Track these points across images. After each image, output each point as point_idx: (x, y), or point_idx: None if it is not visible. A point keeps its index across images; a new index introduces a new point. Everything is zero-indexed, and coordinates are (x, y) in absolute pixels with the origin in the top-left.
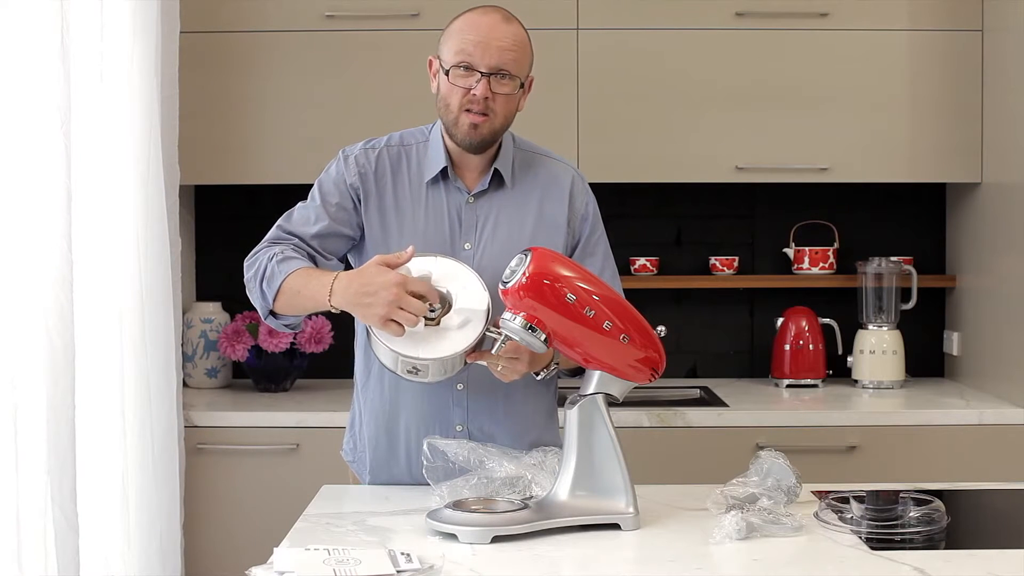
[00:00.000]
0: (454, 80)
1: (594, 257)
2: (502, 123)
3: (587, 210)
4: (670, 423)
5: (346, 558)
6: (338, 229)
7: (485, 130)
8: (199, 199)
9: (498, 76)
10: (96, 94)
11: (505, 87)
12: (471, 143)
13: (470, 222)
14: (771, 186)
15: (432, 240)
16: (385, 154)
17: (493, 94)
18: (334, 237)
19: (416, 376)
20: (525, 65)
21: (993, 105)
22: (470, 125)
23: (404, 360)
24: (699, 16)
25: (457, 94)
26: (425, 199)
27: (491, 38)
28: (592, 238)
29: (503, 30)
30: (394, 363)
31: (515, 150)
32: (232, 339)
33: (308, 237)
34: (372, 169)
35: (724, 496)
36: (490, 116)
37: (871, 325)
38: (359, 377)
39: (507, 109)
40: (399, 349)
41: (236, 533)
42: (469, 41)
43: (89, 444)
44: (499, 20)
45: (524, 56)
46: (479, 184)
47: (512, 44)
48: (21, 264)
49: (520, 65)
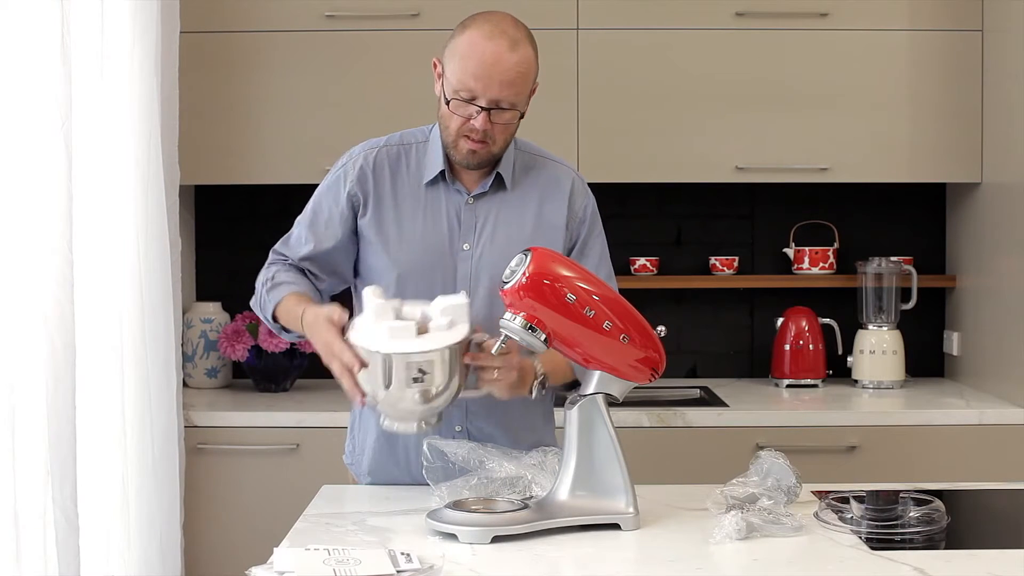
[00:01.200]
0: (454, 109)
1: (588, 259)
2: (501, 147)
3: (585, 212)
4: (670, 423)
5: (346, 558)
6: (327, 250)
7: (483, 155)
8: (199, 199)
9: (498, 108)
10: (96, 94)
11: (504, 116)
12: (468, 165)
13: (469, 223)
14: (771, 186)
15: (430, 241)
16: (384, 154)
17: (492, 124)
18: (324, 258)
19: (422, 383)
20: (527, 89)
21: (993, 105)
22: (468, 151)
23: (410, 364)
24: (699, 16)
25: (456, 121)
26: (424, 200)
27: (494, 72)
28: (589, 239)
29: (507, 62)
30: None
31: (517, 152)
32: (232, 339)
33: (298, 260)
34: (371, 169)
35: (724, 496)
36: (488, 143)
37: (871, 325)
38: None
39: (506, 134)
40: (402, 348)
41: (236, 533)
42: (471, 74)
43: (89, 444)
44: (505, 49)
45: (527, 83)
46: (479, 187)
47: (515, 77)
48: (21, 264)
49: (522, 94)
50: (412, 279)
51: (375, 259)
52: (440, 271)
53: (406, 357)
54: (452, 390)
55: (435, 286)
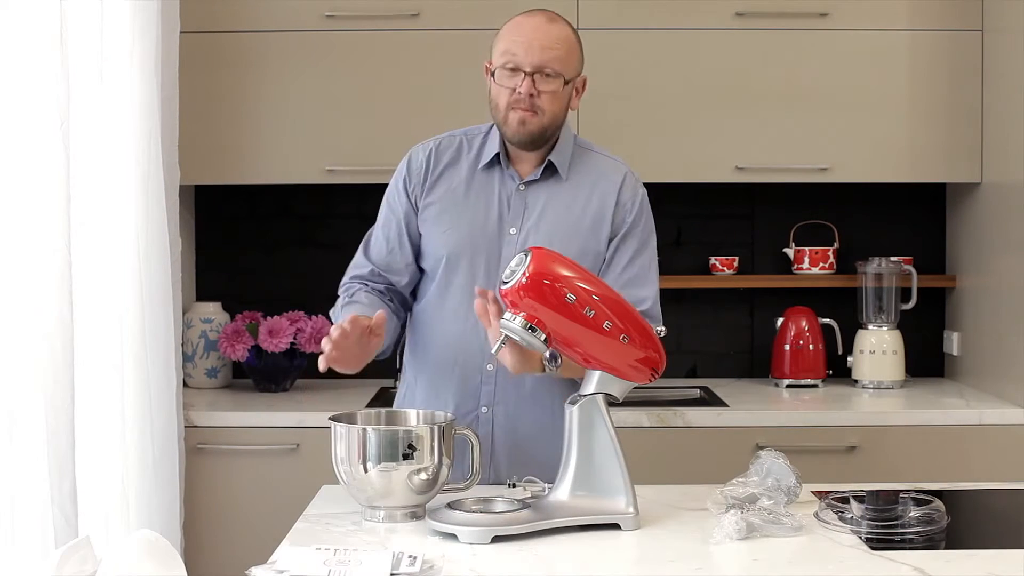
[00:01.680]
0: (500, 81)
1: (624, 252)
2: (551, 120)
3: (633, 206)
4: (670, 423)
5: (348, 559)
6: (401, 245)
7: (533, 126)
8: (199, 199)
9: (543, 74)
10: (96, 94)
11: (550, 84)
12: (521, 139)
13: (518, 208)
14: (771, 186)
15: (479, 223)
16: (446, 143)
17: (538, 91)
18: (401, 251)
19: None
20: (572, 63)
21: (993, 105)
22: (518, 121)
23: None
24: (699, 16)
25: (504, 94)
26: (478, 183)
27: (534, 38)
28: (630, 232)
29: (546, 30)
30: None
31: (574, 146)
32: (232, 339)
33: (380, 266)
34: (426, 159)
35: (724, 496)
36: (537, 113)
37: (871, 325)
38: (408, 374)
39: (555, 106)
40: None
41: (236, 533)
42: (513, 42)
43: (89, 444)
44: (543, 21)
45: (570, 54)
46: (532, 174)
47: (555, 42)
48: (20, 264)
49: (566, 63)
50: (459, 260)
51: (428, 243)
52: (485, 254)
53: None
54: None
55: (479, 269)
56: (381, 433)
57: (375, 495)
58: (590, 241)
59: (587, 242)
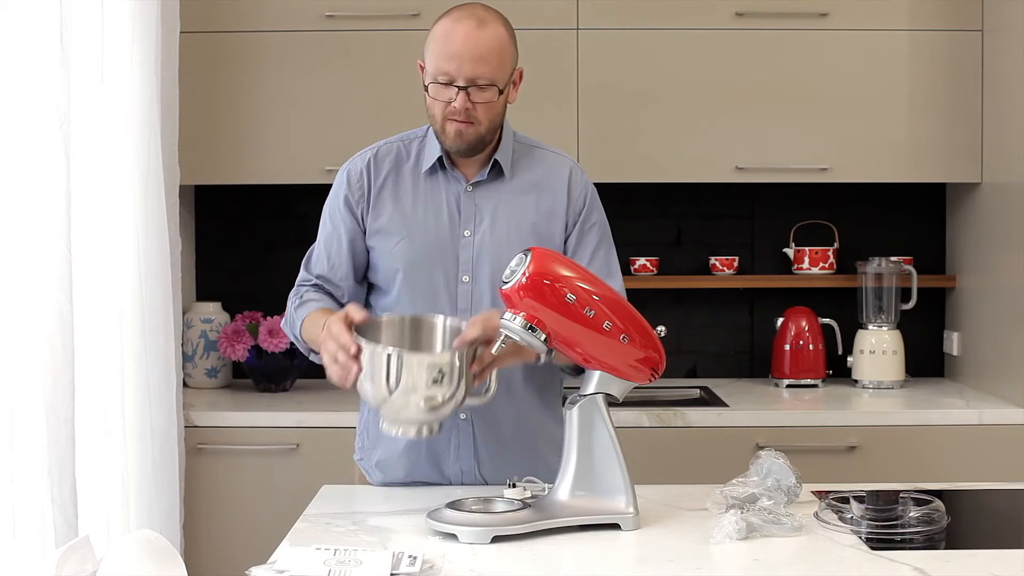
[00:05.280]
0: (434, 94)
1: (585, 246)
2: (488, 127)
3: (584, 199)
4: (670, 423)
5: (348, 559)
6: (343, 262)
7: (470, 136)
8: (199, 199)
9: (476, 86)
10: (96, 94)
11: (484, 95)
12: (459, 149)
13: (469, 211)
14: (771, 186)
15: (432, 228)
16: (383, 152)
17: (473, 104)
18: (343, 267)
19: (440, 386)
20: (506, 68)
21: (993, 105)
22: (456, 132)
23: (430, 366)
24: (699, 16)
25: (439, 106)
26: (424, 189)
27: (464, 50)
28: (586, 226)
29: (476, 38)
30: (417, 408)
31: (515, 143)
32: (232, 339)
33: (321, 277)
34: (365, 171)
35: (724, 496)
36: (474, 123)
37: (871, 325)
38: None
39: (491, 114)
40: (421, 359)
41: (236, 533)
42: (444, 56)
43: (89, 444)
44: (473, 27)
45: (503, 59)
46: (478, 175)
47: (487, 52)
48: (21, 264)
49: (499, 70)
50: (416, 268)
51: (380, 258)
52: (441, 259)
53: (418, 358)
54: (457, 399)
55: (438, 274)
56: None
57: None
58: (546, 238)
59: (543, 239)
